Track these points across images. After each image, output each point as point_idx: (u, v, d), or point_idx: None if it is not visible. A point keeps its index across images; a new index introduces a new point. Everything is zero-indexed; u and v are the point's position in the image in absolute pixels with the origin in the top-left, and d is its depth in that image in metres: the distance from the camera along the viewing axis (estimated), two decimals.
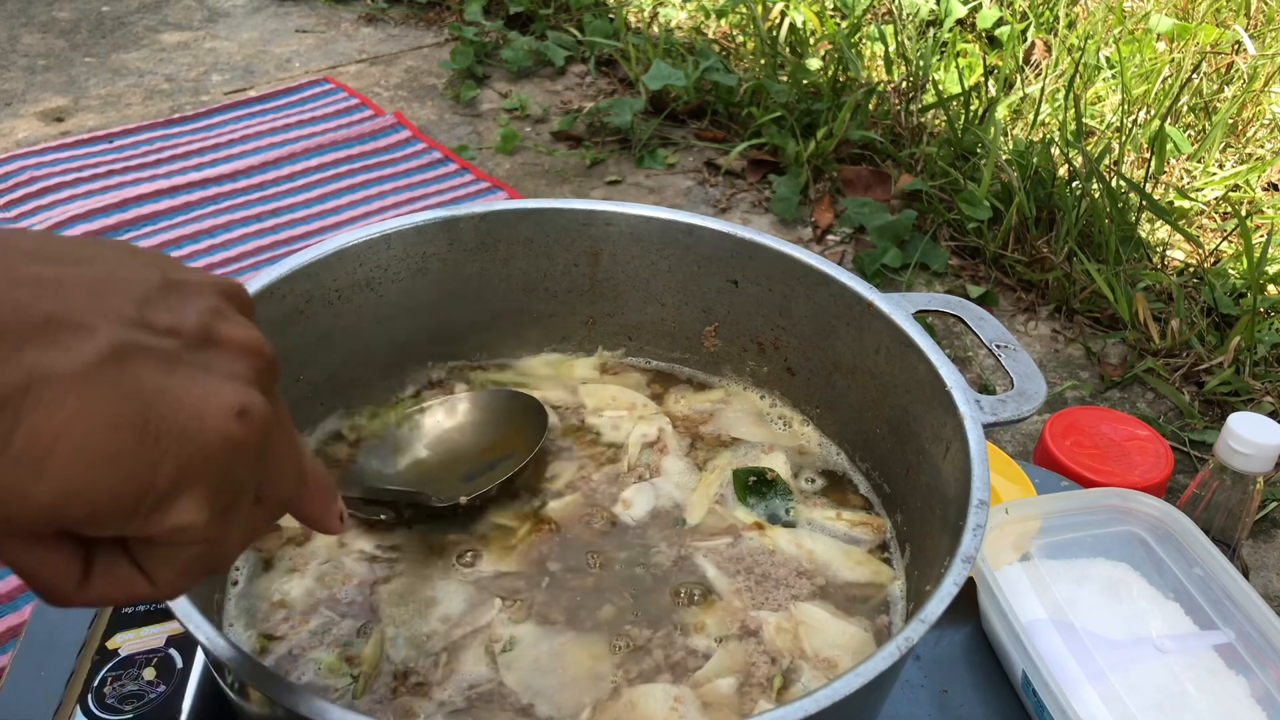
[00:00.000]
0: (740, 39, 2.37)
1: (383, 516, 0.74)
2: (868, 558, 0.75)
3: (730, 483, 0.79)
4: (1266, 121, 1.99)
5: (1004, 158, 1.83)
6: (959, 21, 2.34)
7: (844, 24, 2.28)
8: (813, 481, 0.81)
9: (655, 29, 2.42)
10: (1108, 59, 2.13)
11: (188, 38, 2.43)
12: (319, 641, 0.66)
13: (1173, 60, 2.10)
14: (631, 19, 2.48)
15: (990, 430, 0.68)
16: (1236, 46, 2.13)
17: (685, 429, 0.85)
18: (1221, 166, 1.93)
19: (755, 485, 0.79)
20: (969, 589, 0.82)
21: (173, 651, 0.70)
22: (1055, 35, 2.24)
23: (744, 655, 0.67)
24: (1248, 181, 1.88)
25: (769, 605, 0.71)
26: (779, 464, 0.82)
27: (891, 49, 2.14)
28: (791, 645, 0.68)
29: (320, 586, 0.70)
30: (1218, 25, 2.20)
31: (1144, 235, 1.75)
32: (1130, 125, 1.91)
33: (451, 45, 2.43)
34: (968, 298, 1.43)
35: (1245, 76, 2.04)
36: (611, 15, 2.45)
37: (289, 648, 0.66)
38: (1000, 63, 2.16)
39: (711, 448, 0.83)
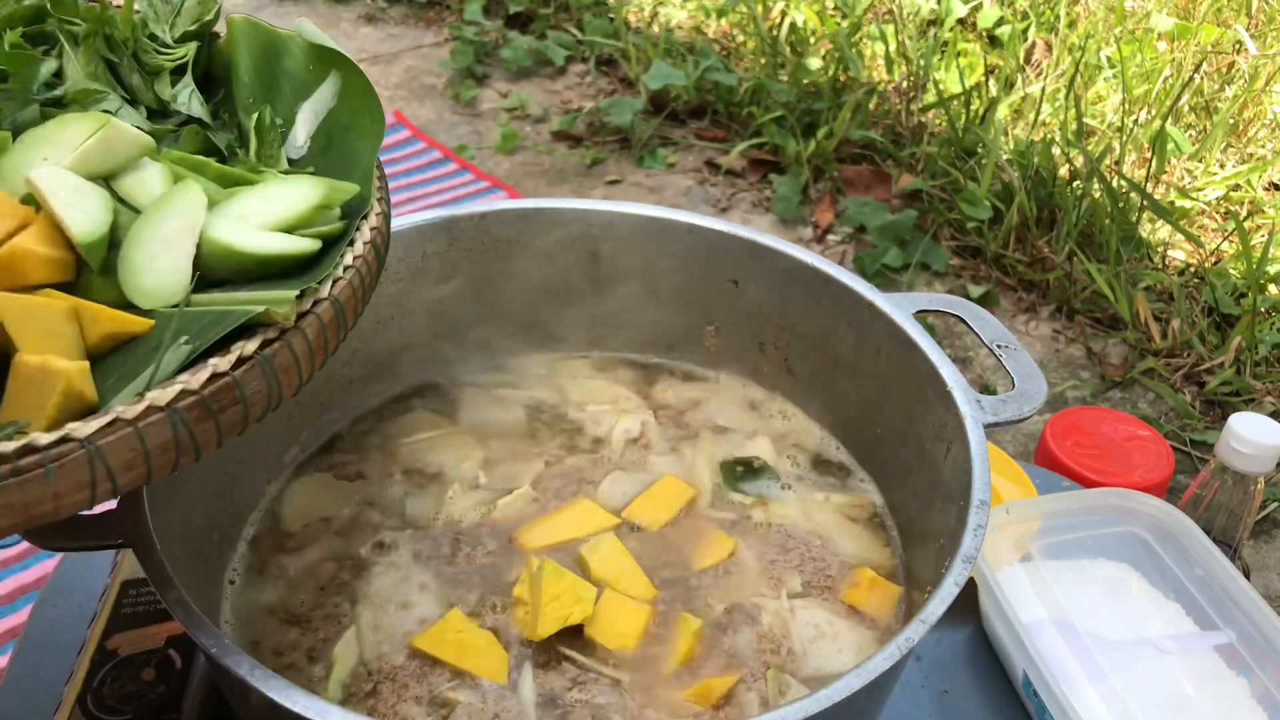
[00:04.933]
0: (741, 38, 2.37)
1: None
2: (864, 532, 0.76)
3: (719, 472, 0.80)
4: (1267, 121, 1.99)
5: (1005, 157, 1.83)
6: (960, 21, 2.34)
7: (844, 23, 2.28)
8: (798, 464, 0.82)
9: (655, 28, 2.42)
10: (1109, 58, 2.13)
11: None
12: (290, 661, 0.66)
13: (1174, 60, 2.09)
14: (631, 18, 2.48)
15: (991, 430, 0.68)
16: (1238, 46, 2.13)
17: (669, 419, 0.85)
18: (1223, 166, 1.92)
19: (743, 474, 0.79)
20: (970, 589, 0.82)
21: (172, 652, 0.70)
22: (1056, 35, 2.23)
23: (745, 641, 0.67)
24: (1249, 181, 1.88)
25: (770, 585, 0.71)
26: (764, 449, 0.82)
27: (892, 48, 2.14)
28: (789, 633, 0.68)
29: (295, 594, 0.70)
30: (1219, 25, 2.20)
31: (1145, 235, 1.75)
32: (1131, 125, 1.90)
33: (451, 45, 2.43)
34: (968, 298, 1.43)
35: (1246, 76, 2.04)
36: (611, 15, 2.45)
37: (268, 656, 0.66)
38: (1001, 62, 2.15)
39: (696, 436, 0.83)
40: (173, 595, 0.54)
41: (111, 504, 0.60)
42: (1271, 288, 1.65)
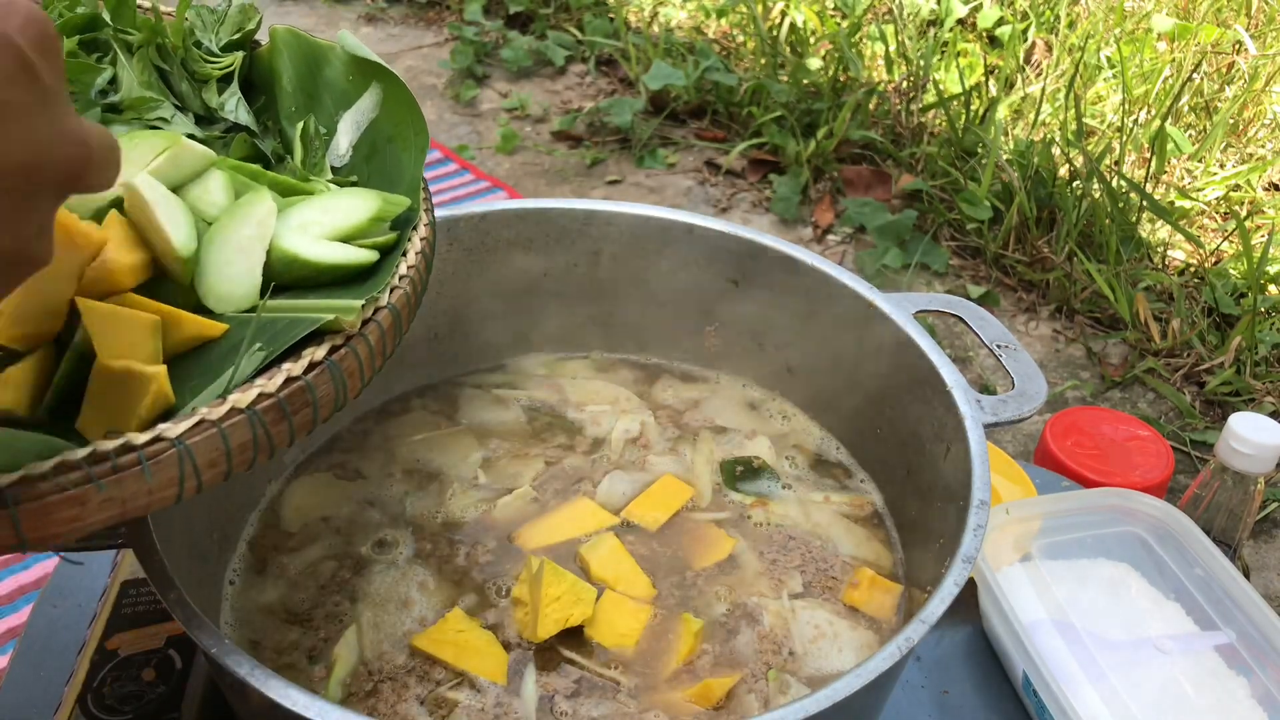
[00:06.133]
0: (740, 38, 2.37)
1: None
2: (865, 532, 0.76)
3: (719, 471, 0.80)
4: (1267, 121, 1.99)
5: (1005, 157, 1.83)
6: (959, 21, 2.34)
7: (844, 23, 2.28)
8: (797, 465, 0.82)
9: (655, 28, 2.42)
10: (1108, 59, 2.13)
11: None
12: (290, 661, 0.66)
13: (1173, 60, 2.09)
14: (631, 18, 2.48)
15: (991, 430, 0.68)
16: (1237, 46, 2.13)
17: (669, 418, 0.85)
18: (1222, 166, 1.93)
19: (743, 474, 0.79)
20: (970, 589, 0.82)
21: (172, 652, 0.70)
22: (1056, 35, 2.23)
23: (746, 642, 0.67)
24: (1249, 181, 1.88)
25: (770, 585, 0.71)
26: (763, 449, 0.82)
27: (892, 49, 2.14)
28: (790, 633, 0.68)
29: (295, 593, 0.70)
30: (1218, 25, 2.20)
31: (1145, 235, 1.75)
32: (1131, 125, 1.90)
33: (451, 45, 2.43)
34: (968, 298, 1.43)
35: (1246, 76, 2.04)
36: (611, 15, 2.45)
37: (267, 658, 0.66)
38: (1001, 62, 2.15)
39: (695, 436, 0.83)
40: (173, 595, 0.54)
41: None
42: (1271, 288, 1.65)
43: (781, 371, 0.87)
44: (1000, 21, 2.33)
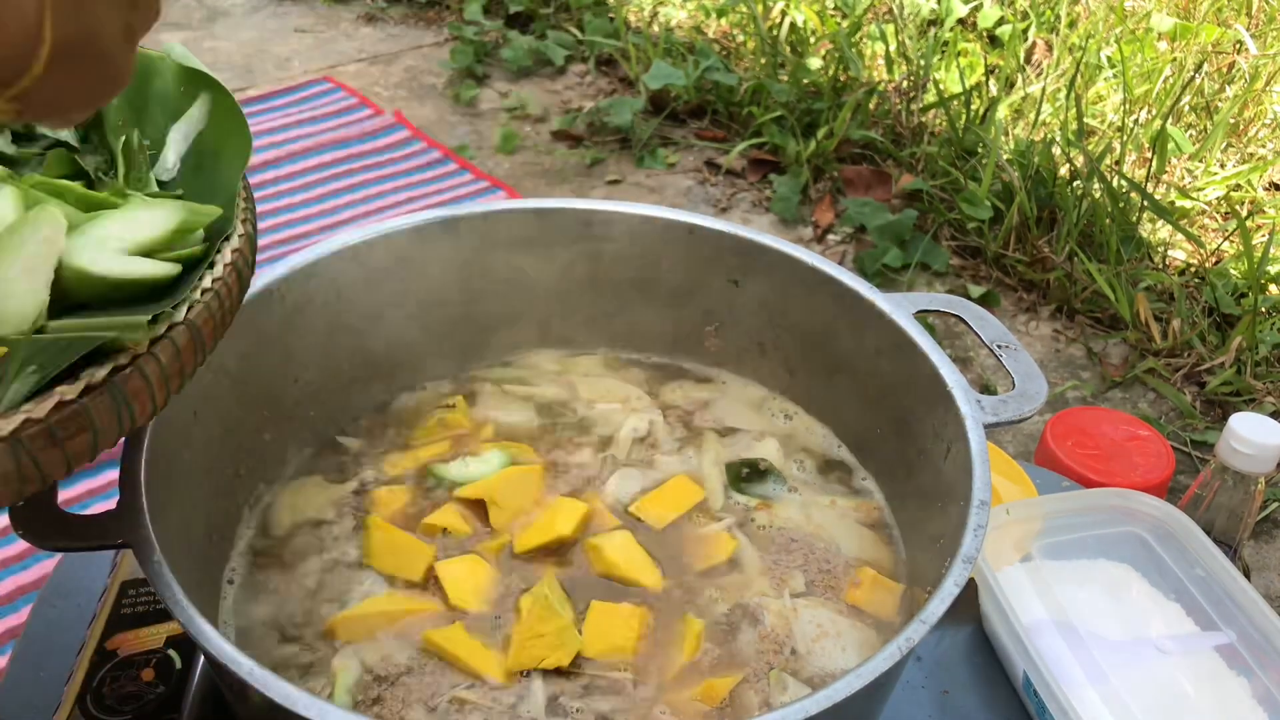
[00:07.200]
0: (741, 38, 2.37)
1: None
2: (867, 532, 0.76)
3: (723, 473, 0.80)
4: (1268, 121, 1.99)
5: (1005, 157, 1.83)
6: (960, 21, 2.34)
7: (845, 23, 2.28)
8: (804, 468, 0.81)
9: (655, 28, 2.42)
10: (1109, 58, 2.13)
11: (187, 37, 2.43)
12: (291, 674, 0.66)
13: (1174, 60, 2.09)
14: (632, 18, 2.48)
15: (991, 430, 0.67)
16: (1238, 46, 2.13)
17: (678, 418, 0.85)
18: (1223, 166, 1.92)
19: (748, 476, 0.79)
20: (970, 590, 0.82)
21: (171, 652, 0.70)
22: (1056, 34, 2.23)
23: (748, 641, 0.67)
24: (1249, 181, 1.88)
25: (772, 584, 0.71)
26: (771, 451, 0.82)
27: (892, 48, 2.14)
28: (791, 632, 0.68)
29: (293, 600, 0.70)
30: (1219, 24, 2.20)
31: (1145, 235, 1.75)
32: (1132, 125, 1.90)
33: (451, 44, 2.43)
34: (969, 298, 1.42)
35: (1247, 76, 2.04)
36: (611, 14, 2.45)
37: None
38: (1001, 62, 2.15)
39: (704, 437, 0.83)
40: (172, 595, 0.54)
41: (110, 504, 0.60)
42: (1272, 288, 1.65)
43: (782, 371, 0.87)
44: (1000, 21, 2.33)
